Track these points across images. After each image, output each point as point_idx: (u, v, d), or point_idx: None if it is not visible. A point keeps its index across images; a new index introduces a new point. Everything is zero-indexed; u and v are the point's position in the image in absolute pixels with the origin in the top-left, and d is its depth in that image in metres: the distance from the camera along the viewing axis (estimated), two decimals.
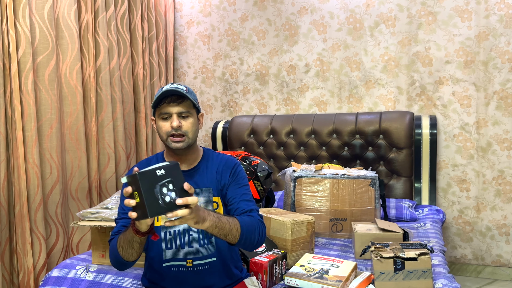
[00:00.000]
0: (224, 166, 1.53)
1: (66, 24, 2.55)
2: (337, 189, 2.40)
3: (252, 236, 1.40)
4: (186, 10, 3.62)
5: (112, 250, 1.42)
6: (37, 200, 2.32)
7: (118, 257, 1.38)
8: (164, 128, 1.44)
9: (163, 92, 1.43)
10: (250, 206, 1.48)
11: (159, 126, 1.46)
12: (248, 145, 3.29)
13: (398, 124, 2.88)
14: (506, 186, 2.85)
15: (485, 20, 2.83)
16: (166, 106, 1.43)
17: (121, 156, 2.98)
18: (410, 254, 1.61)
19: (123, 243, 1.34)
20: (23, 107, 2.29)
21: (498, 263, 2.91)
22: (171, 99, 1.43)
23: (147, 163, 1.51)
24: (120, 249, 1.36)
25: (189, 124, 1.46)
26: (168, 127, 1.44)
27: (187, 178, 1.49)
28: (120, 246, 1.35)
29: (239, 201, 1.48)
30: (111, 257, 1.44)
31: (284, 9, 3.32)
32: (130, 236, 1.29)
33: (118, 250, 1.36)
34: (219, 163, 1.54)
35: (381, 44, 3.08)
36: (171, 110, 1.43)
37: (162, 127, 1.45)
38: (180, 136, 1.44)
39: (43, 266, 2.35)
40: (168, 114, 1.44)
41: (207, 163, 1.55)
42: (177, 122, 1.42)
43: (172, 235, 1.49)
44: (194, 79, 3.65)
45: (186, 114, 1.45)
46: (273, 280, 1.76)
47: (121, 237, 1.35)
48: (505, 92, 2.82)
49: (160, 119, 1.46)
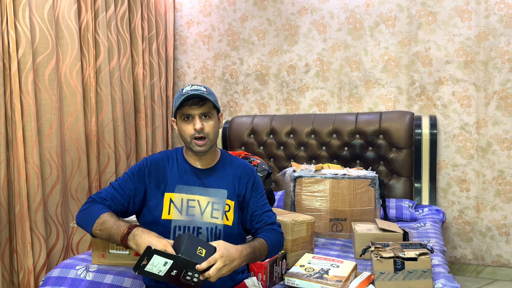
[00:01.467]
0: (243, 173, 1.59)
1: (66, 24, 2.55)
2: (337, 189, 2.40)
3: (274, 253, 1.54)
4: (186, 10, 3.62)
5: (88, 214, 1.41)
6: (37, 200, 2.32)
7: (88, 227, 1.40)
8: (187, 131, 1.48)
9: (184, 95, 1.46)
10: (271, 219, 1.58)
11: (182, 128, 1.50)
12: (248, 145, 3.29)
13: (398, 124, 2.88)
14: (506, 186, 2.85)
15: (485, 20, 2.83)
16: (188, 108, 1.47)
17: (121, 156, 2.98)
18: (410, 254, 1.61)
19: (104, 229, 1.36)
20: (23, 107, 2.29)
21: (498, 263, 2.91)
22: (193, 101, 1.46)
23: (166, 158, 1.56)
24: (96, 227, 1.37)
25: (211, 126, 1.50)
26: (191, 130, 1.48)
27: (205, 177, 1.54)
28: (100, 227, 1.37)
29: (261, 214, 1.57)
30: (82, 216, 1.43)
31: (284, 9, 3.32)
32: (115, 238, 1.33)
33: (95, 226, 1.37)
34: (237, 168, 1.60)
35: (381, 44, 3.08)
36: (193, 112, 1.48)
37: (185, 130, 1.49)
38: (202, 139, 1.48)
39: (43, 266, 2.35)
40: (190, 115, 1.48)
41: (224, 165, 1.59)
42: (199, 125, 1.46)
43: (181, 231, 1.49)
44: (194, 79, 3.64)
45: (207, 115, 1.50)
46: (273, 280, 1.76)
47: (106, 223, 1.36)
48: (505, 92, 2.82)
49: (182, 120, 1.49)
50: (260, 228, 1.56)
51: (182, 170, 1.54)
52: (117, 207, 1.47)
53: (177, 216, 1.47)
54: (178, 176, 1.53)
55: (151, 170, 1.52)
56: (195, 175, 1.54)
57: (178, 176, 1.52)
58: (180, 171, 1.54)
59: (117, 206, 1.47)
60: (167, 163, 1.55)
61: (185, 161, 1.56)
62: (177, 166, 1.55)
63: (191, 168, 1.55)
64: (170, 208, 1.48)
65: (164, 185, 1.51)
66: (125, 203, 1.49)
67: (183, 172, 1.53)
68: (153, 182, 1.51)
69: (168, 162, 1.55)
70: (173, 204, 1.48)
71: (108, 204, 1.45)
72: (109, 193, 1.48)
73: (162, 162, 1.55)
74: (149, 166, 1.53)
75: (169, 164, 1.55)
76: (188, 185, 1.51)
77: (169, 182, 1.51)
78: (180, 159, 1.57)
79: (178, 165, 1.55)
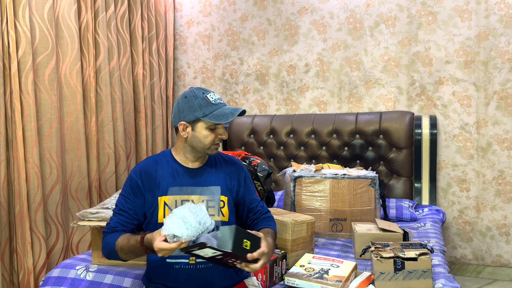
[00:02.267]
0: (233, 168, 1.64)
1: (66, 24, 2.55)
2: (337, 189, 2.40)
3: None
4: (186, 10, 3.62)
5: (108, 246, 1.46)
6: (37, 200, 2.32)
7: (114, 256, 1.45)
8: (210, 138, 1.52)
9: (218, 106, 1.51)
10: (265, 208, 1.68)
11: (205, 136, 1.52)
12: (248, 145, 3.29)
13: (398, 124, 2.88)
14: (506, 186, 2.85)
15: (485, 20, 2.83)
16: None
17: (121, 156, 2.98)
18: (410, 254, 1.61)
19: (126, 250, 1.41)
20: (23, 107, 2.28)
21: (498, 263, 2.91)
22: (227, 118, 1.51)
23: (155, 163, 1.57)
24: (121, 254, 1.43)
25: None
26: (215, 138, 1.53)
27: (197, 176, 1.57)
28: (123, 252, 1.42)
29: (256, 205, 1.65)
30: (107, 254, 1.48)
31: (284, 9, 3.32)
32: (138, 250, 1.38)
33: (120, 254, 1.43)
34: (227, 164, 1.64)
35: (381, 44, 3.08)
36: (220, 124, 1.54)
37: (208, 137, 1.52)
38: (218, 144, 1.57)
39: (43, 266, 2.35)
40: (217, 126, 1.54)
41: (214, 162, 1.62)
42: (226, 134, 1.56)
43: None
44: (194, 79, 3.65)
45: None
46: (273, 280, 1.76)
47: (123, 244, 1.41)
48: (505, 92, 2.82)
49: (208, 129, 1.52)
50: (257, 218, 1.63)
51: (174, 172, 1.54)
52: (129, 227, 1.51)
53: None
54: (170, 178, 1.53)
55: (143, 180, 1.52)
56: (187, 176, 1.54)
57: (171, 178, 1.53)
58: (172, 173, 1.54)
59: (129, 226, 1.51)
60: (156, 168, 1.55)
61: (176, 162, 1.56)
62: (168, 168, 1.55)
63: (183, 169, 1.55)
64: (164, 211, 1.49)
65: (158, 189, 1.51)
66: (134, 221, 1.52)
67: (175, 173, 1.54)
68: (148, 190, 1.52)
69: (157, 166, 1.55)
70: (167, 207, 1.49)
71: (119, 229, 1.49)
72: (116, 221, 1.51)
73: (152, 168, 1.55)
74: (140, 177, 1.53)
75: (159, 169, 1.55)
76: (180, 186, 1.52)
77: (162, 185, 1.52)
78: (170, 161, 1.57)
79: (169, 167, 1.55)
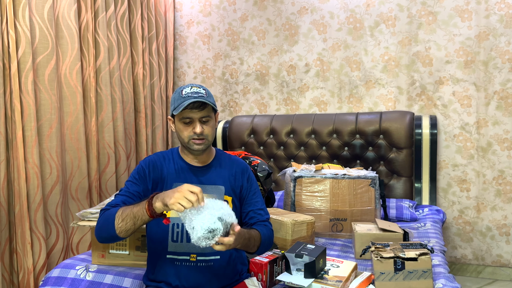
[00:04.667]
0: (238, 169, 1.62)
1: (66, 24, 2.55)
2: (337, 189, 2.40)
3: (264, 248, 1.55)
4: (186, 10, 3.62)
5: (106, 219, 1.38)
6: (37, 200, 2.32)
7: (110, 229, 1.36)
8: (186, 133, 1.49)
9: (184, 98, 1.46)
10: (264, 216, 1.61)
11: (180, 129, 1.50)
12: (248, 145, 3.28)
13: (398, 124, 2.88)
14: (506, 186, 2.85)
15: (485, 20, 2.83)
16: (188, 112, 1.47)
17: (121, 156, 2.98)
18: (410, 254, 1.61)
19: (126, 216, 1.32)
20: (23, 107, 2.28)
21: (498, 263, 2.91)
22: (193, 105, 1.46)
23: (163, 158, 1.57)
24: (118, 221, 1.34)
25: (210, 128, 1.51)
26: (191, 132, 1.48)
27: (201, 174, 1.56)
28: (121, 217, 1.33)
29: (256, 210, 1.60)
30: (101, 225, 1.40)
31: (284, 9, 3.31)
32: (140, 214, 1.30)
33: (116, 221, 1.34)
34: (232, 164, 1.62)
35: (381, 44, 3.08)
36: (194, 116, 1.48)
37: (183, 131, 1.49)
38: (201, 139, 1.49)
39: (43, 266, 2.35)
40: (190, 119, 1.48)
41: (220, 162, 1.61)
42: (200, 129, 1.47)
43: (180, 228, 1.51)
44: (194, 79, 3.64)
45: (207, 118, 1.50)
46: (273, 280, 1.75)
47: (126, 210, 1.34)
48: (505, 92, 2.82)
49: (181, 123, 1.49)
50: (254, 224, 1.60)
51: (179, 168, 1.55)
52: None
53: (175, 214, 1.48)
54: (175, 174, 1.54)
55: (150, 171, 1.53)
56: (192, 173, 1.55)
57: (175, 175, 1.54)
58: (177, 169, 1.55)
59: None
60: (163, 163, 1.56)
61: (181, 159, 1.58)
62: (174, 165, 1.56)
63: (188, 166, 1.56)
64: None
65: (162, 184, 1.52)
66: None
67: (180, 170, 1.55)
68: (152, 182, 1.52)
69: (164, 161, 1.57)
70: None
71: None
72: (119, 200, 1.46)
73: (159, 162, 1.56)
74: (148, 166, 1.54)
75: (165, 164, 1.56)
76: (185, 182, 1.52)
77: (166, 181, 1.53)
78: (176, 158, 1.58)
79: (175, 164, 1.57)
